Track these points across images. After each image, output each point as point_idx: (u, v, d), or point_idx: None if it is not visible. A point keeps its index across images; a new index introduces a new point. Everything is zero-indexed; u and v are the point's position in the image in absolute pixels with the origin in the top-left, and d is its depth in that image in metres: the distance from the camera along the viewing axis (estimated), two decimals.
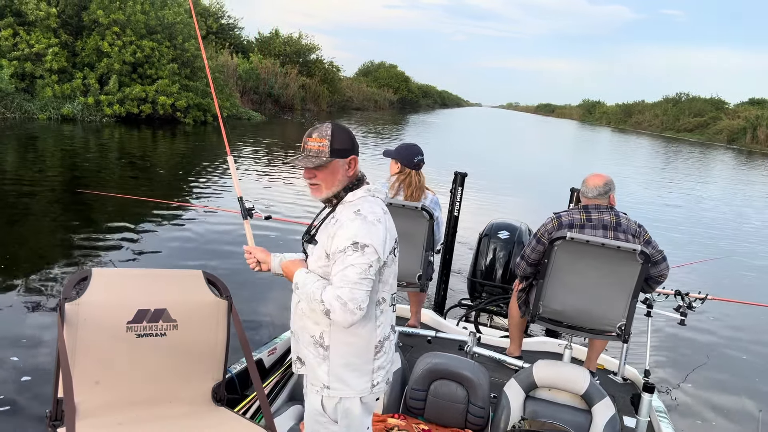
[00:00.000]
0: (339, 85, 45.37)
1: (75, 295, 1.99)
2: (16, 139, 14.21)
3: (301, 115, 33.85)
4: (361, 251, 1.87)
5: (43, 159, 11.71)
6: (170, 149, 16.40)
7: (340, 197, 2.02)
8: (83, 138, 15.61)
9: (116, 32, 19.27)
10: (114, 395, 2.04)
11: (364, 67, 73.64)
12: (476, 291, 4.93)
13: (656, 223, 11.42)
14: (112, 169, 12.01)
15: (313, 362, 2.04)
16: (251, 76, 30.31)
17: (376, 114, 49.99)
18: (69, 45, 19.14)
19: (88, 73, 18.99)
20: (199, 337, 2.20)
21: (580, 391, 2.90)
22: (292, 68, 35.26)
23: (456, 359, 3.00)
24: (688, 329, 5.39)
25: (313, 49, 40.59)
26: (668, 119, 64.76)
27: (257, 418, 2.80)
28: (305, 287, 1.95)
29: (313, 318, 2.01)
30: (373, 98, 57.76)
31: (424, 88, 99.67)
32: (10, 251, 6.23)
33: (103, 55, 19.09)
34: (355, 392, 2.02)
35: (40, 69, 18.02)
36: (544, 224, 3.42)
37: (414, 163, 3.88)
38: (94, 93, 18.77)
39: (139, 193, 9.50)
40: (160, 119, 20.49)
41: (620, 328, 3.31)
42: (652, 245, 3.35)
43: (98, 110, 18.81)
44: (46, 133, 15.47)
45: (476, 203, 11.32)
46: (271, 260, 2.22)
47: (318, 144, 1.94)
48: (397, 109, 64.05)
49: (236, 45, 34.37)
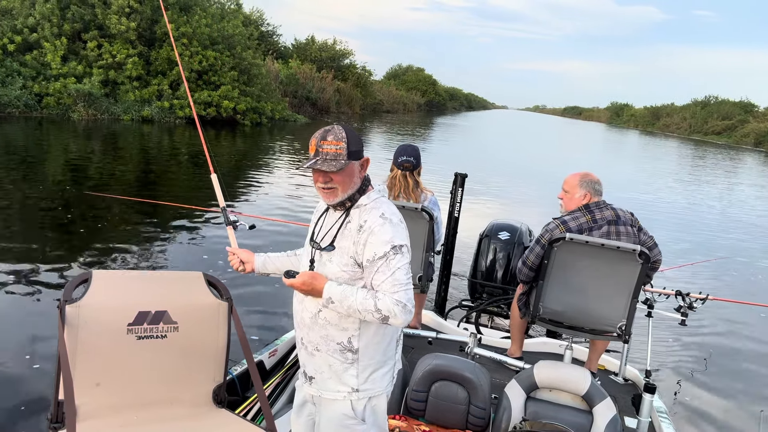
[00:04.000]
0: (371, 89, 47.90)
1: (75, 298, 2.00)
2: (101, 137, 16.60)
3: (337, 117, 36.02)
4: (400, 252, 1.90)
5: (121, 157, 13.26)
6: (231, 148, 18.16)
7: (355, 200, 2.00)
8: (158, 137, 18.11)
9: (184, 43, 22.17)
10: (115, 397, 2.04)
11: (392, 70, 75.84)
12: (477, 292, 4.93)
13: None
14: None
15: (339, 369, 2.02)
16: (291, 81, 33.04)
17: (406, 116, 51.74)
18: (144, 55, 22.02)
19: (161, 80, 21.93)
20: (199, 338, 2.20)
21: (581, 392, 2.90)
22: (328, 73, 38.05)
23: (457, 360, 3.00)
24: (688, 330, 5.39)
25: (347, 54, 43.35)
26: (696, 122, 64.73)
27: (258, 420, 2.80)
28: (346, 300, 1.89)
29: (340, 325, 1.99)
30: (402, 101, 59.76)
31: (451, 91, 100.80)
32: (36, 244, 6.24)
33: (174, 64, 21.85)
34: (382, 389, 2.08)
35: (121, 76, 21.04)
36: (549, 230, 3.38)
37: (398, 162, 3.84)
38: (167, 97, 21.73)
39: (166, 193, 9.72)
40: (223, 121, 23.20)
41: (620, 329, 3.31)
42: (644, 231, 3.42)
43: (171, 113, 21.68)
44: (128, 133, 17.88)
45: (502, 206, 11.46)
46: (254, 260, 2.26)
47: (335, 147, 1.90)
48: (425, 111, 65.08)
49: (275, 51, 37.19)
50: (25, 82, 18.99)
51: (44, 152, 12.80)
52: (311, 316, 2.03)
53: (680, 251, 9.67)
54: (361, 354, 2.01)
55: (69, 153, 13.18)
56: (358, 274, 1.95)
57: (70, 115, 19.38)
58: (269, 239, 7.64)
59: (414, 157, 3.85)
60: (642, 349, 4.04)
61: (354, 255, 1.94)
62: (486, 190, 13.83)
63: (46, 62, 19.75)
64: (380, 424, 2.12)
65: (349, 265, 1.95)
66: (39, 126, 17.08)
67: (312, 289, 1.93)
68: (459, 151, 25.71)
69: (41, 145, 13.84)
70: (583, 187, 3.42)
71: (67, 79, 19.59)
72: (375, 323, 1.96)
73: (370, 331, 2.00)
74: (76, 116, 19.35)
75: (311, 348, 2.07)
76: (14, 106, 18.14)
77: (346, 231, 1.98)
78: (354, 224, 1.96)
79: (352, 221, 1.98)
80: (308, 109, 34.26)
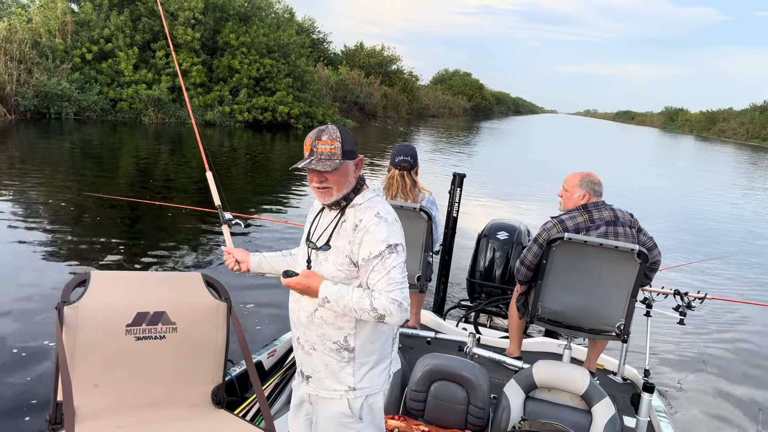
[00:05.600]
0: (417, 94, 49.51)
1: (74, 299, 1.99)
2: (169, 138, 18.32)
3: (383, 121, 37.57)
4: (396, 251, 1.91)
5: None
6: (283, 150, 19.56)
7: (350, 199, 2.00)
8: (219, 139, 19.52)
9: (244, 52, 24.02)
10: (113, 398, 2.04)
11: (439, 75, 77.44)
12: (475, 292, 4.93)
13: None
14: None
15: (336, 368, 2.03)
16: (341, 87, 34.77)
17: (451, 121, 52.89)
18: (207, 63, 23.89)
19: (222, 86, 23.88)
20: (198, 339, 2.20)
21: (579, 392, 2.90)
22: (375, 78, 39.95)
23: (456, 360, 3.00)
24: (687, 329, 5.40)
25: (394, 60, 45.08)
26: (755, 127, 63.50)
27: (257, 421, 2.80)
28: (342, 299, 1.90)
29: (336, 324, 2.00)
30: (448, 105, 61.02)
31: (498, 95, 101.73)
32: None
33: (234, 72, 23.91)
34: (379, 387, 2.09)
35: (186, 83, 22.83)
36: (547, 229, 3.38)
37: (395, 162, 3.85)
38: (228, 103, 23.60)
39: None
40: (277, 125, 24.94)
41: (619, 328, 3.31)
42: (643, 232, 3.42)
43: (231, 117, 23.55)
44: (192, 135, 18.64)
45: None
46: (249, 259, 2.28)
47: (330, 146, 1.91)
48: (471, 116, 65.82)
49: (326, 57, 38.68)
50: (101, 88, 20.94)
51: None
52: (307, 315, 2.04)
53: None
54: (357, 352, 2.02)
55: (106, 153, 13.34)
56: (354, 273, 1.96)
57: (141, 118, 21.31)
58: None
59: (411, 156, 3.87)
60: (641, 349, 4.04)
61: (350, 254, 1.94)
62: (527, 194, 14.18)
63: (119, 70, 21.63)
64: (377, 422, 2.13)
65: (344, 264, 1.96)
66: (113, 128, 18.71)
67: (307, 289, 1.93)
68: (497, 154, 26.34)
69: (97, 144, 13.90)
70: (582, 187, 3.42)
71: (138, 85, 21.43)
72: (371, 322, 1.96)
73: (366, 329, 2.01)
74: (146, 119, 21.29)
75: (308, 347, 2.07)
76: (92, 110, 20.24)
77: (342, 230, 1.98)
78: (349, 223, 1.97)
79: (348, 220, 1.98)
80: (356, 113, 35.75)
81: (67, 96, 19.23)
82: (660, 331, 5.89)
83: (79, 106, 19.71)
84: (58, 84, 18.96)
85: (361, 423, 2.07)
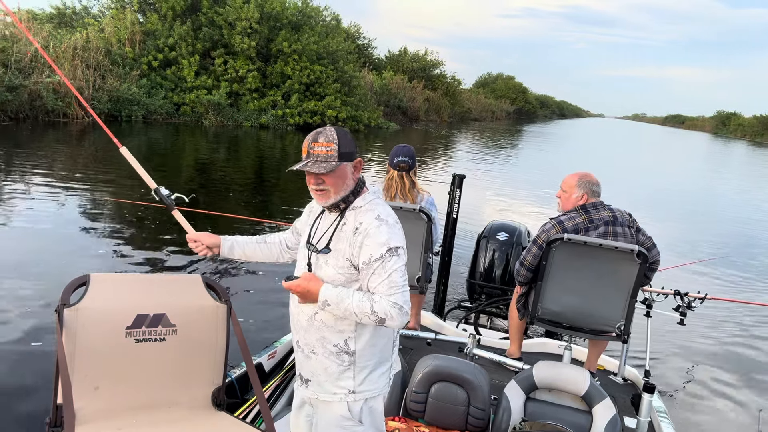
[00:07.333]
0: (459, 98, 50.19)
1: (73, 301, 1.99)
2: (228, 140, 19.62)
3: (425, 125, 38.28)
4: (397, 254, 1.90)
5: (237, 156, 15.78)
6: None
7: (349, 202, 1.99)
8: (271, 142, 20.80)
9: (295, 59, 25.49)
10: (113, 400, 2.04)
11: (482, 78, 78.16)
12: (475, 293, 4.93)
13: None
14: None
15: (335, 371, 2.02)
16: (384, 91, 36.07)
17: (493, 124, 53.25)
18: (261, 69, 25.34)
19: (275, 91, 25.38)
20: (198, 341, 2.20)
21: (580, 392, 2.90)
22: (418, 83, 41.19)
23: (456, 361, 3.00)
24: (687, 329, 5.40)
25: (437, 64, 45.90)
26: None
27: (257, 423, 2.80)
28: (342, 303, 1.88)
29: (336, 327, 1.99)
30: (491, 109, 61.56)
31: (542, 99, 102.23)
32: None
33: (286, 77, 25.44)
34: (379, 390, 2.08)
35: (243, 88, 24.59)
36: (546, 230, 3.38)
37: (394, 163, 3.86)
38: (281, 107, 25.13)
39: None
40: None
41: (619, 329, 3.31)
42: (642, 232, 3.42)
43: (283, 120, 25.03)
44: (247, 137, 20.76)
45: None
46: (221, 243, 2.26)
47: (326, 148, 1.90)
48: (513, 119, 65.77)
49: (371, 62, 40.39)
50: (166, 93, 22.63)
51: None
52: (307, 318, 2.03)
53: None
54: (357, 356, 2.01)
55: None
56: (354, 276, 1.95)
57: (203, 121, 23.06)
58: None
59: (410, 157, 3.87)
60: (641, 349, 4.04)
61: (350, 257, 1.93)
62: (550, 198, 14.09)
63: (182, 76, 23.30)
64: (377, 425, 2.12)
65: (345, 267, 1.95)
66: (176, 131, 20.03)
67: (308, 292, 1.92)
68: (533, 160, 26.37)
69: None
70: (580, 188, 3.42)
71: (199, 90, 23.13)
72: (371, 325, 1.95)
73: (367, 332, 2.00)
74: (207, 123, 23.03)
75: (308, 350, 2.07)
76: (158, 113, 21.90)
77: (342, 233, 1.97)
78: (349, 226, 1.96)
79: (348, 223, 1.97)
80: (399, 117, 37.03)
81: (137, 100, 20.79)
82: (660, 331, 5.89)
83: (147, 109, 21.29)
84: (128, 89, 20.58)
85: (362, 426, 2.06)
